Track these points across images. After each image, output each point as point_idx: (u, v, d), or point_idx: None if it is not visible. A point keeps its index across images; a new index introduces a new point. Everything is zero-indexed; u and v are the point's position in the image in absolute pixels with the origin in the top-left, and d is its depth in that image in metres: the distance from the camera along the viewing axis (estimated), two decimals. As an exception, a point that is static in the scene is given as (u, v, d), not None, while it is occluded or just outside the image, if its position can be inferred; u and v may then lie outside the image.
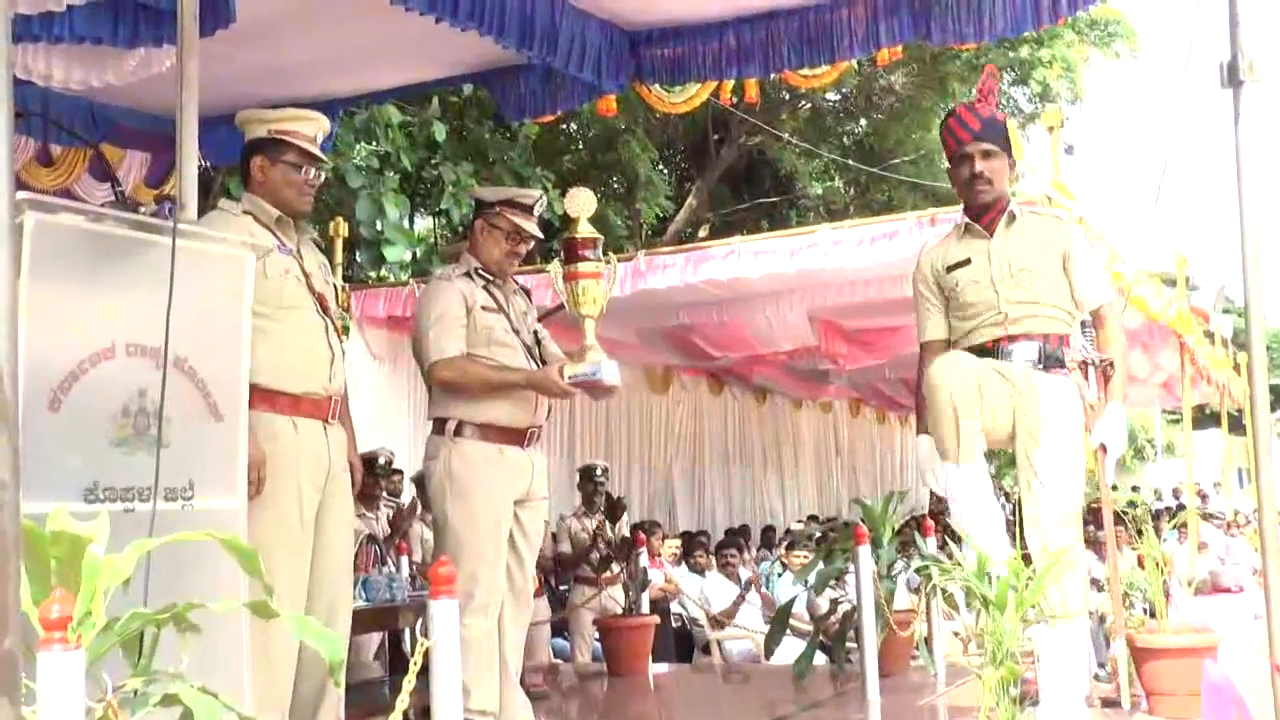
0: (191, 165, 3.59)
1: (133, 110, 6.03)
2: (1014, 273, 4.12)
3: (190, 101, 3.59)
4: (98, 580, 1.71)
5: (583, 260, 4.39)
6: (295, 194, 3.89)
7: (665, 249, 8.70)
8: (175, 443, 3.02)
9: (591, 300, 4.39)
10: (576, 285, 4.39)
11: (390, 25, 4.94)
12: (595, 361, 4.31)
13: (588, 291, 4.39)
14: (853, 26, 5.20)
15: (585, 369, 4.30)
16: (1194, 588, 7.34)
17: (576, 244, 4.41)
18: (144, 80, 5.06)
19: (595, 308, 4.41)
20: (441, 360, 4.32)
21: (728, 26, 5.44)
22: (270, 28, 5.03)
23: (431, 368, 4.34)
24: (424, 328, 4.37)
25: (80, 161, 6.23)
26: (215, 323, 3.24)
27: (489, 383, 4.34)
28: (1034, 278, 4.13)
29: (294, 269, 3.84)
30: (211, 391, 3.18)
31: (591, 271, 4.40)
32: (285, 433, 3.73)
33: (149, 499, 2.86)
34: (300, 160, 3.89)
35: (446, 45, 5.27)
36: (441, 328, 4.33)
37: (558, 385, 4.30)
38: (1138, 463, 33.30)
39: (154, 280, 2.89)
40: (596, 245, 4.44)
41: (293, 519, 3.71)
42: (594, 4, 5.22)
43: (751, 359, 11.31)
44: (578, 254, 4.40)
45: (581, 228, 4.43)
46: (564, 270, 4.43)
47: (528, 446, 4.44)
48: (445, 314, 4.35)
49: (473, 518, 4.28)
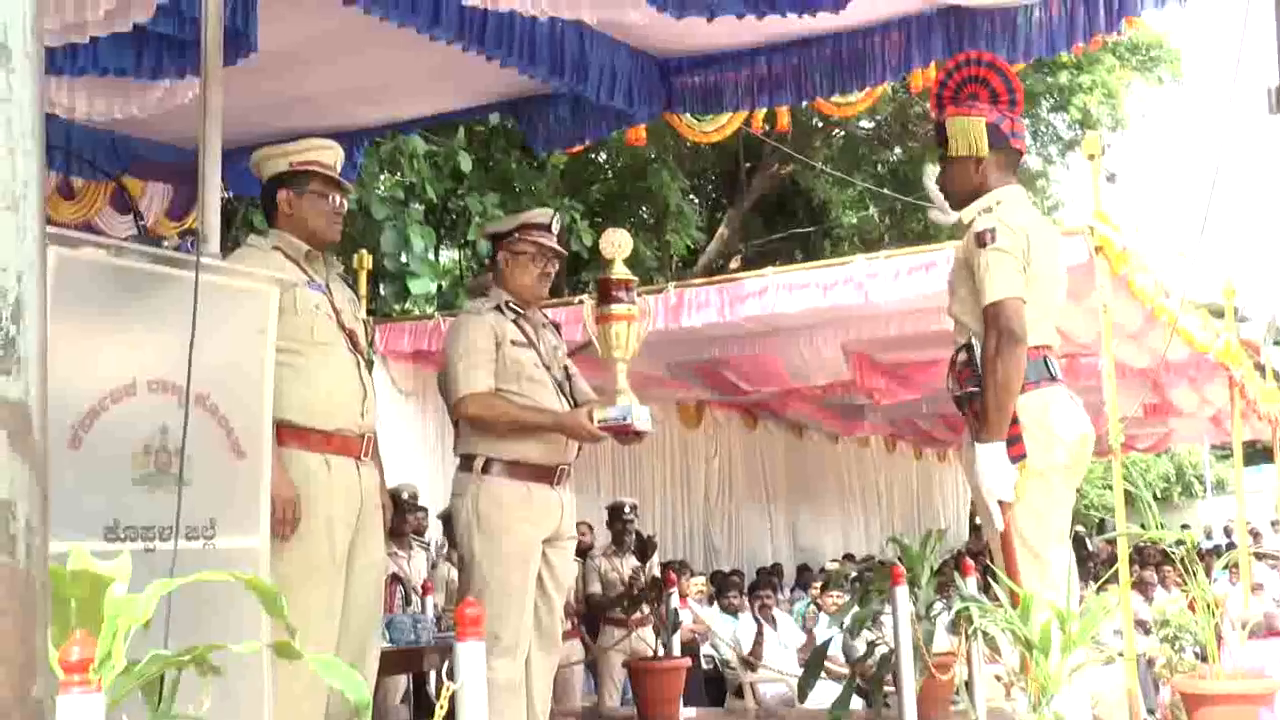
0: (214, 197, 3.62)
1: (155, 142, 6.10)
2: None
3: (213, 133, 3.62)
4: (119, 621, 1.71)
5: (616, 302, 4.40)
6: (325, 223, 3.94)
7: (696, 281, 8.70)
8: (197, 481, 3.03)
9: (624, 344, 4.39)
10: (609, 328, 4.40)
11: (415, 55, 4.99)
12: (626, 405, 4.31)
13: (620, 335, 4.39)
14: (886, 51, 5.21)
15: (616, 413, 4.30)
16: (1248, 630, 7.24)
17: (611, 285, 4.41)
18: (166, 112, 5.13)
19: (627, 351, 4.40)
20: (470, 395, 4.33)
21: (759, 54, 5.46)
22: (293, 58, 5.08)
23: (459, 403, 4.35)
24: (452, 361, 4.39)
25: (102, 194, 6.30)
26: (238, 359, 3.26)
27: (517, 422, 4.34)
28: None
29: (324, 305, 3.87)
30: (234, 429, 3.20)
31: (624, 314, 4.40)
32: (317, 471, 3.75)
33: (170, 538, 2.87)
34: (325, 188, 3.94)
35: (473, 74, 5.31)
36: (470, 362, 4.35)
37: (587, 429, 4.31)
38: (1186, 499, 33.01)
39: (176, 315, 2.91)
40: (631, 287, 4.44)
41: (324, 558, 3.73)
42: (624, 32, 5.25)
43: (785, 394, 11.27)
44: (611, 295, 4.40)
45: (616, 268, 4.44)
46: (597, 312, 4.44)
47: (557, 485, 4.44)
48: (474, 348, 4.37)
49: (500, 557, 4.29)
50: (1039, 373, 3.87)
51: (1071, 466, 3.93)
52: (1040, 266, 3.93)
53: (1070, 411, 3.93)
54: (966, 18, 4.99)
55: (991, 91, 4.06)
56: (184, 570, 2.39)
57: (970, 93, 4.08)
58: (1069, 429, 3.90)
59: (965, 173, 4.06)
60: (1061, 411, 3.90)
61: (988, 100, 4.07)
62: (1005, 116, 4.05)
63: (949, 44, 5.04)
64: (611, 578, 8.18)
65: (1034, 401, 3.84)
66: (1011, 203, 4.00)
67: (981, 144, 4.00)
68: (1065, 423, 3.89)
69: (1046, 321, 3.98)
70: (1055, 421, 3.87)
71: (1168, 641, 7.37)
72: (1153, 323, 7.92)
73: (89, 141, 5.88)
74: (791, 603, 11.08)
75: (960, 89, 4.11)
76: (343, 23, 4.66)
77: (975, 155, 4.02)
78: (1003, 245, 3.83)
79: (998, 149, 4.04)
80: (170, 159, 6.18)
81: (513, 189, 13.38)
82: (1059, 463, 3.86)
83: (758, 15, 3.99)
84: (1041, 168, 21.15)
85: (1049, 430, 3.84)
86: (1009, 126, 4.06)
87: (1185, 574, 4.37)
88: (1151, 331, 8.14)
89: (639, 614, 7.76)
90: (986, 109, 4.05)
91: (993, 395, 3.77)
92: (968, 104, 4.06)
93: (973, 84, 4.09)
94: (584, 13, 4.37)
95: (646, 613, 7.68)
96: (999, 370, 3.76)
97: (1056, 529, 3.90)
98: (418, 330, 8.66)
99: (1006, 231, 3.86)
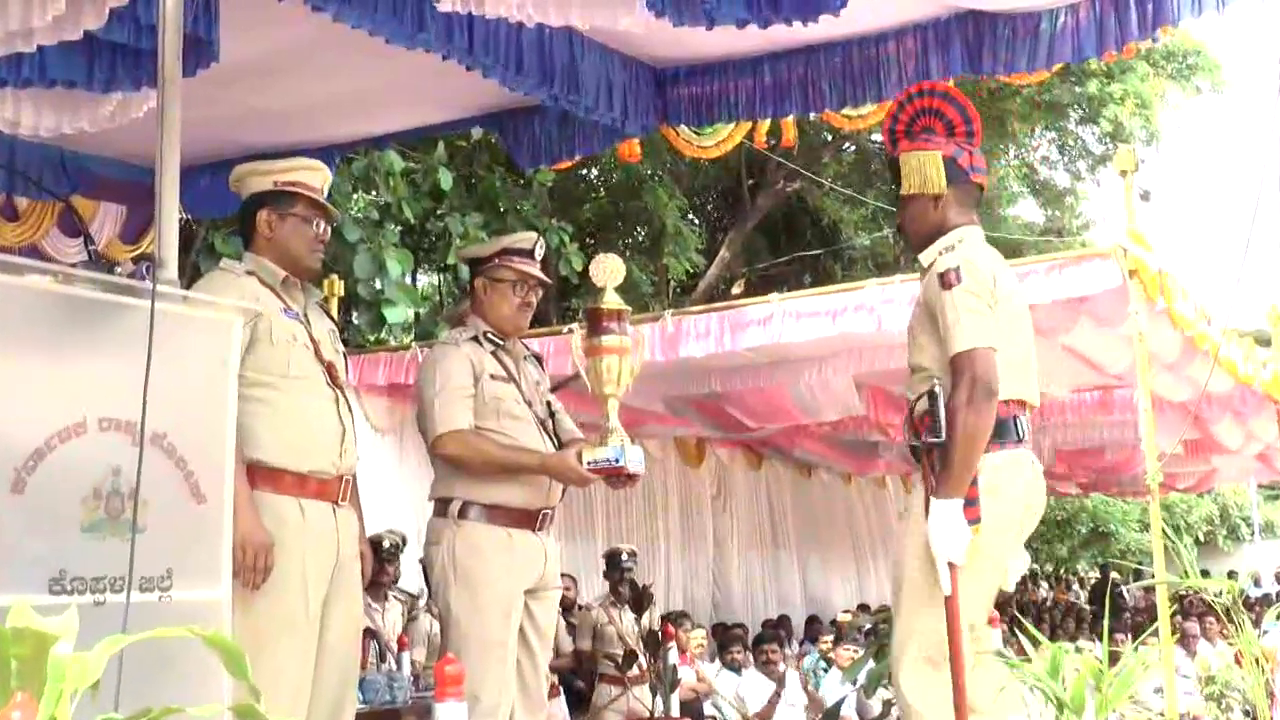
0: (172, 219, 3.61)
1: (107, 159, 6.11)
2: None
3: (171, 149, 3.62)
4: (64, 683, 1.70)
5: (607, 334, 4.37)
6: (306, 250, 3.95)
7: (696, 309, 8.70)
8: (152, 527, 3.01)
9: (615, 378, 4.38)
10: (600, 361, 4.37)
11: (392, 65, 5.00)
12: (618, 446, 4.30)
13: (611, 369, 4.36)
14: (901, 60, 5.22)
15: (607, 454, 4.29)
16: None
17: (601, 315, 4.39)
18: (120, 126, 5.13)
19: (619, 386, 4.39)
20: (447, 433, 4.33)
21: (763, 62, 5.47)
22: (259, 68, 5.10)
23: (436, 441, 4.35)
24: (428, 397, 4.39)
25: (49, 215, 6.30)
26: (199, 395, 3.25)
27: (498, 463, 4.34)
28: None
29: (301, 334, 3.88)
30: (194, 471, 3.19)
31: (616, 346, 4.38)
32: (291, 516, 3.75)
33: (122, 590, 2.85)
34: (310, 213, 3.96)
35: (454, 86, 5.33)
36: (447, 397, 4.35)
37: (575, 471, 4.30)
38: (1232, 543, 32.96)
39: (130, 348, 2.91)
40: (623, 318, 4.42)
41: (297, 612, 3.72)
42: (617, 39, 5.26)
43: (793, 430, 11.27)
44: (602, 326, 4.38)
45: (608, 297, 4.42)
46: (586, 343, 4.43)
47: (540, 530, 4.43)
48: (450, 382, 4.37)
49: (479, 609, 4.27)
50: (1006, 433, 3.85)
51: (1019, 536, 3.95)
52: (1009, 310, 3.94)
53: (1032, 481, 3.94)
54: (986, 23, 5.01)
55: (947, 123, 4.08)
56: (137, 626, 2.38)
57: (925, 125, 4.10)
58: (1028, 497, 3.91)
59: (923, 211, 4.06)
60: (1023, 478, 3.90)
61: (943, 133, 4.09)
62: (963, 149, 4.06)
63: (968, 51, 5.06)
64: (608, 631, 8.15)
65: (997, 463, 3.82)
66: (974, 241, 4.00)
67: (939, 179, 3.99)
68: (1025, 491, 3.90)
69: (1017, 372, 3.93)
70: (1016, 488, 3.86)
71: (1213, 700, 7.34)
72: (1193, 352, 7.93)
73: (35, 159, 5.88)
74: (800, 657, 11.04)
75: (914, 122, 4.13)
76: (313, 30, 4.67)
77: (932, 192, 4.02)
78: (970, 287, 3.82)
79: (957, 184, 4.04)
80: (124, 177, 6.18)
81: (497, 209, 13.41)
82: (1009, 530, 3.86)
83: (761, 25, 4.00)
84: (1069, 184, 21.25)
85: (1008, 497, 3.83)
86: (968, 160, 4.07)
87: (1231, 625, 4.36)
88: (1191, 361, 8.15)
89: (635, 670, 7.73)
90: (942, 142, 4.06)
91: (959, 451, 3.73)
92: (923, 138, 4.08)
93: (927, 116, 4.11)
94: (574, 19, 4.38)
95: (643, 669, 7.66)
96: (968, 424, 3.73)
97: (988, 596, 3.91)
98: (394, 362, 8.65)
99: (973, 271, 3.85)
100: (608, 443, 4.31)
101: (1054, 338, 7.96)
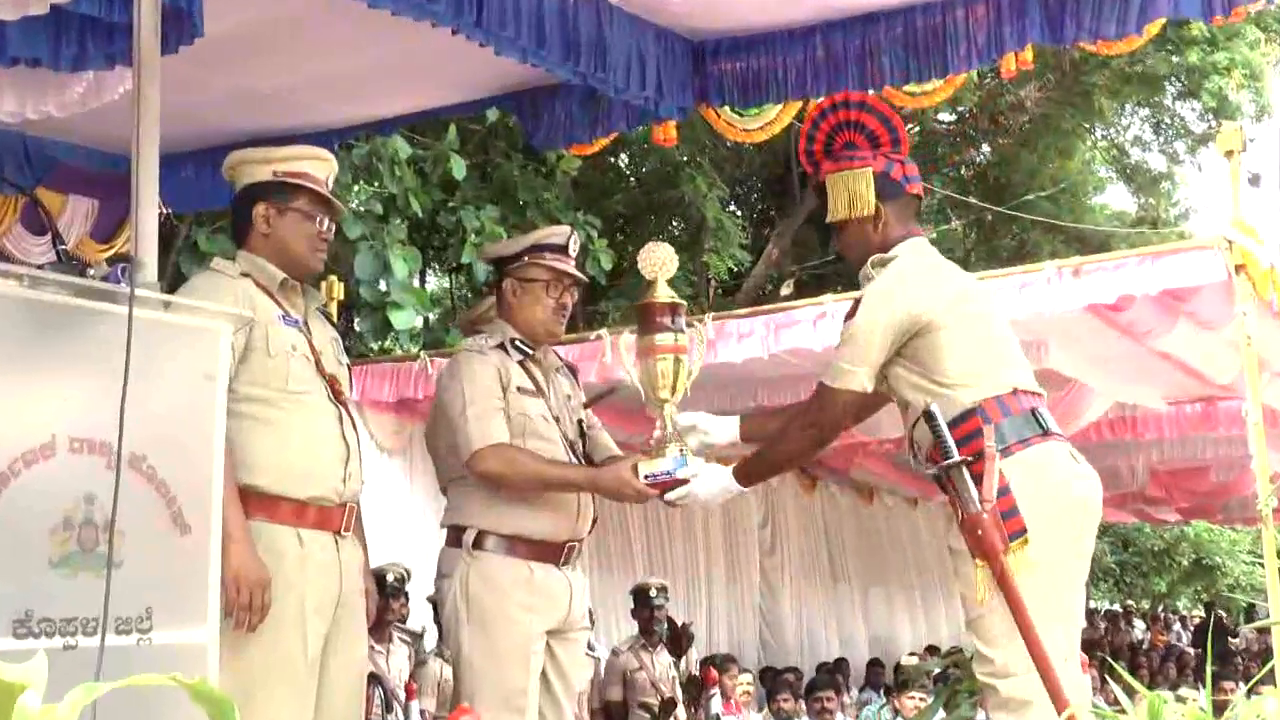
0: (150, 214, 3.63)
1: (77, 147, 6.13)
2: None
3: (149, 135, 3.64)
4: (32, 737, 1.71)
5: (660, 331, 4.34)
6: (307, 249, 3.97)
7: (739, 311, 8.71)
8: (130, 561, 3.03)
9: (671, 382, 4.34)
10: (653, 363, 4.34)
11: (397, 40, 5.01)
12: (678, 458, 4.26)
13: (666, 372, 4.33)
14: (970, 30, 5.19)
15: (666, 465, 4.24)
16: None
17: (654, 310, 4.36)
18: (92, 111, 5.15)
19: (675, 392, 4.35)
20: (488, 448, 4.28)
21: (815, 33, 5.46)
22: (247, 44, 5.11)
23: (475, 457, 4.30)
24: (456, 409, 4.36)
25: (11, 211, 6.33)
26: (183, 412, 3.26)
27: (544, 480, 4.34)
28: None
29: (301, 344, 3.90)
30: (177, 498, 3.20)
31: (671, 346, 4.33)
32: (289, 548, 3.76)
33: (96, 632, 2.87)
34: (313, 208, 3.97)
35: (466, 63, 5.33)
36: (481, 409, 4.32)
37: (631, 486, 4.27)
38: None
39: (105, 359, 2.92)
40: (679, 313, 4.38)
41: (295, 656, 3.73)
42: (649, 9, 5.26)
43: (849, 448, 11.24)
44: (655, 323, 4.34)
45: (659, 290, 4.40)
46: (638, 344, 4.41)
47: (565, 565, 4.43)
48: (483, 392, 4.35)
49: (495, 652, 4.27)
50: (1029, 426, 3.83)
51: (1079, 542, 3.89)
52: (968, 309, 3.96)
53: (1079, 475, 3.91)
54: (1069, -15, 4.98)
55: (869, 135, 4.11)
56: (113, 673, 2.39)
57: (846, 141, 4.13)
58: (1078, 493, 3.87)
59: (862, 234, 4.07)
60: (1064, 470, 3.87)
61: (867, 146, 4.11)
62: (893, 161, 4.09)
63: (1047, 18, 5.03)
64: (639, 678, 8.15)
65: (1030, 460, 3.79)
66: (909, 255, 4.01)
67: (867, 198, 4.01)
68: (1069, 484, 3.86)
69: (1010, 361, 3.96)
70: (1056, 483, 3.83)
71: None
72: (1310, 357, 7.88)
73: (-4, 147, 5.92)
74: (860, 706, 11.01)
75: (832, 139, 4.15)
76: (308, 2, 4.69)
77: (865, 214, 4.04)
78: (873, 317, 3.87)
79: (891, 199, 4.06)
80: (96, 167, 6.21)
81: (515, 201, 13.42)
82: (1066, 534, 3.83)
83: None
84: (1166, 168, 21.13)
85: (1051, 496, 3.79)
86: (900, 171, 4.10)
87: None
88: (1309, 368, 8.11)
89: (674, 721, 7.73)
90: (869, 156, 4.08)
91: (771, 456, 4.25)
92: (846, 156, 4.09)
93: (847, 130, 4.13)
94: (601, -16, 4.39)
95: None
96: (790, 443, 4.15)
97: (1065, 612, 3.86)
98: (401, 374, 8.66)
99: (884, 298, 3.90)
100: (665, 454, 4.30)
101: (1148, 342, 7.92)
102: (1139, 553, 28.54)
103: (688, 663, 8.32)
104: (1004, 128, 18.57)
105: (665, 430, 4.33)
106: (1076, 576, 3.93)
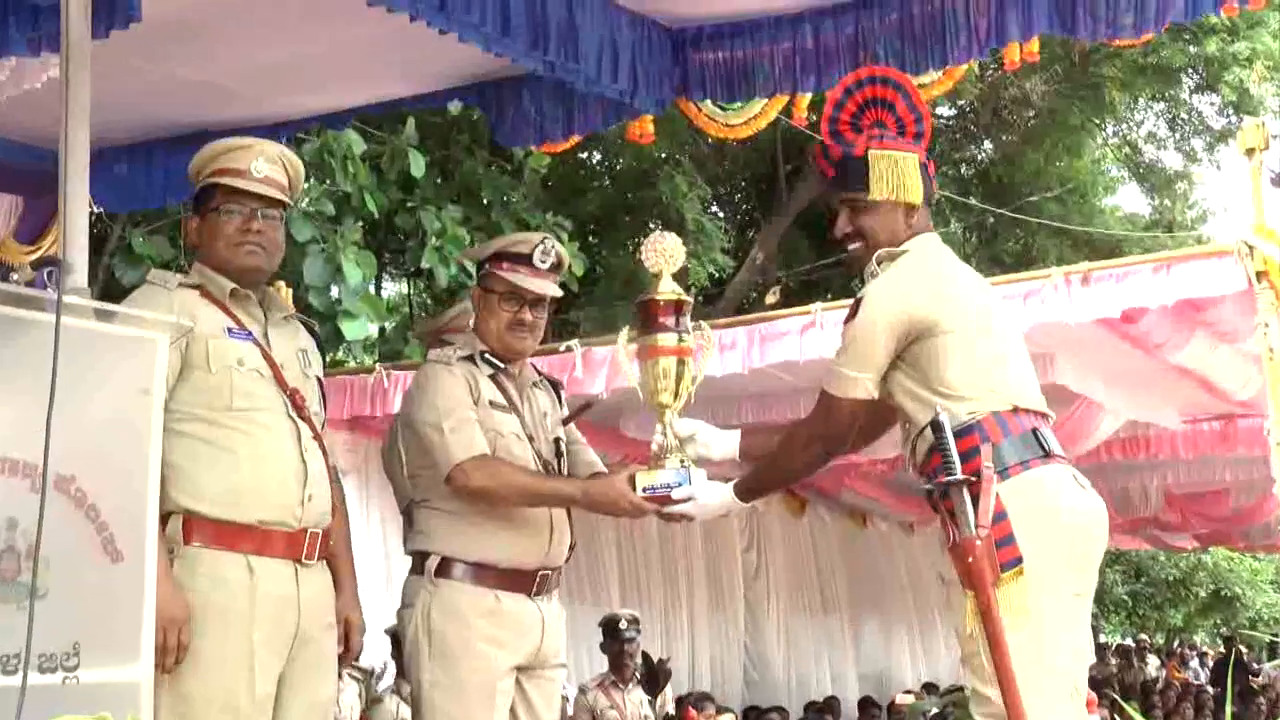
0: (80, 214, 3.62)
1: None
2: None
3: (78, 128, 3.63)
4: (-54, 786, 1.70)
5: (663, 330, 4.34)
6: (231, 247, 3.92)
7: (722, 321, 8.69)
8: (55, 592, 3.01)
9: (672, 386, 4.32)
10: (654, 365, 4.33)
11: (351, 27, 5.01)
12: (680, 469, 4.25)
13: (668, 374, 4.32)
14: (972, 18, 5.21)
15: (666, 478, 4.24)
16: None
17: (656, 308, 4.36)
18: (13, 100, 5.14)
19: (677, 397, 4.33)
20: (470, 460, 4.26)
21: (803, 21, 5.47)
22: (187, 29, 5.10)
23: (457, 470, 4.27)
24: (429, 423, 4.33)
25: (-74, 212, 6.31)
26: (115, 431, 3.25)
27: (534, 493, 4.33)
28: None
29: (251, 358, 3.87)
30: (108, 523, 3.18)
31: (674, 347, 4.33)
32: (233, 576, 3.72)
33: (16, 670, 2.85)
34: (228, 200, 3.92)
35: (425, 50, 5.32)
36: (456, 420, 4.29)
37: (625, 499, 4.25)
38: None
39: (31, 372, 2.91)
40: (683, 311, 4.39)
41: (238, 694, 3.69)
42: (624, -6, 5.28)
43: (840, 469, 11.25)
44: (657, 322, 4.34)
45: (663, 286, 4.40)
46: (637, 343, 4.39)
47: (538, 595, 4.41)
48: (456, 404, 4.33)
49: (457, 689, 4.25)
50: (1029, 448, 3.81)
51: (1082, 570, 3.89)
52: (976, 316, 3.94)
53: (1083, 499, 3.88)
54: (1080, -29, 5.00)
55: (897, 119, 4.08)
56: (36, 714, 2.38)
57: (875, 119, 4.09)
58: (1081, 519, 3.85)
59: (892, 222, 4.02)
60: (1066, 495, 3.85)
61: (894, 129, 4.09)
62: (923, 153, 4.09)
63: (1056, 7, 5.06)
64: (609, 717, 8.13)
65: (1031, 481, 3.78)
66: (920, 251, 4.00)
67: (917, 185, 4.00)
68: (1072, 510, 3.84)
69: (1017, 376, 3.95)
70: (1056, 509, 3.83)
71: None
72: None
73: (-90, 142, 5.90)
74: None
75: (860, 114, 4.11)
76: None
77: (909, 200, 4.01)
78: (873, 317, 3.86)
79: (925, 194, 4.07)
80: (19, 162, 6.17)
81: (479, 200, 13.41)
82: (1067, 561, 3.82)
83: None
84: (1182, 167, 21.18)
85: (1050, 522, 3.80)
86: (930, 167, 4.10)
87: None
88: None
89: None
90: (907, 142, 4.07)
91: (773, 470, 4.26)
92: (876, 136, 4.07)
93: (877, 108, 4.10)
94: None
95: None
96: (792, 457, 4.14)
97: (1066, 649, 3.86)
98: (355, 388, 8.63)
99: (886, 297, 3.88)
100: (665, 464, 4.29)
101: (1162, 355, 7.94)
102: (1153, 583, 28.63)
103: (663, 701, 8.31)
104: (1008, 123, 18.63)
105: (666, 439, 4.32)
106: (1079, 610, 3.90)
